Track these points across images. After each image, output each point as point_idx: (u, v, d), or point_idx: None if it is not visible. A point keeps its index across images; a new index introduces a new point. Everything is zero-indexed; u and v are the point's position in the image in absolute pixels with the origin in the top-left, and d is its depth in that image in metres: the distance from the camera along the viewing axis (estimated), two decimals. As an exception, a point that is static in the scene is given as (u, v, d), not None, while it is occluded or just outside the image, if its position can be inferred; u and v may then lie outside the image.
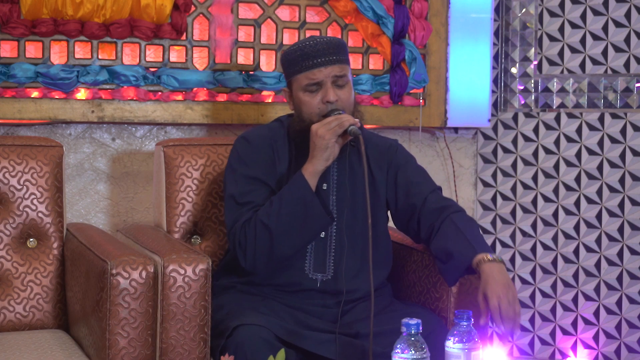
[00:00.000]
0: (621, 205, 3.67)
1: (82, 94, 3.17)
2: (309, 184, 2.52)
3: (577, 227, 3.72)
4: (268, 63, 3.40)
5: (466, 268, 2.51)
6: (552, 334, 3.75)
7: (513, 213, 3.79)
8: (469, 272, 2.53)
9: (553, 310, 3.74)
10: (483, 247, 2.53)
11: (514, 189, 3.79)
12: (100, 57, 3.19)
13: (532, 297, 3.76)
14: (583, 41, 3.69)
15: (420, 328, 2.11)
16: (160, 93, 3.25)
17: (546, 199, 3.75)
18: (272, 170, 2.65)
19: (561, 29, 3.71)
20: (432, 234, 2.62)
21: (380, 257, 2.69)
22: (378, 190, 2.71)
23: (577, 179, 3.72)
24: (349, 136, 2.53)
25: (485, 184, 3.82)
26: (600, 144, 3.69)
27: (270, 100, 3.36)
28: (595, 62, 3.68)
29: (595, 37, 3.67)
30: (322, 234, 2.63)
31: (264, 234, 2.52)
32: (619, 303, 3.67)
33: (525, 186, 3.78)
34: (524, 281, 3.77)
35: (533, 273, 3.77)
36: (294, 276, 2.62)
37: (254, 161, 2.64)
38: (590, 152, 3.70)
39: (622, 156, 3.67)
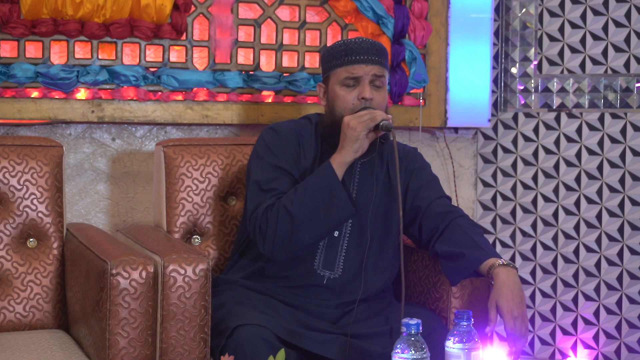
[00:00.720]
0: (621, 205, 3.67)
1: (82, 94, 3.17)
2: (336, 174, 2.52)
3: (577, 227, 3.72)
4: (268, 63, 3.40)
5: (474, 270, 2.51)
6: (552, 334, 3.75)
7: (513, 213, 3.79)
8: (475, 275, 2.53)
9: (553, 310, 3.74)
10: (493, 251, 2.54)
11: (514, 189, 3.79)
12: (100, 57, 3.19)
13: (532, 297, 3.76)
14: (583, 41, 3.69)
15: (420, 328, 2.11)
16: (160, 93, 3.25)
17: (546, 199, 3.75)
18: (297, 163, 2.66)
19: (561, 29, 3.71)
20: (434, 236, 2.62)
21: (391, 260, 2.70)
22: (395, 195, 2.71)
23: (577, 179, 3.72)
24: (379, 132, 2.54)
25: (485, 184, 3.83)
26: (600, 144, 3.69)
27: (270, 100, 3.36)
28: (595, 62, 3.68)
29: (595, 37, 3.67)
30: (336, 233, 2.63)
31: (286, 220, 2.51)
32: (619, 303, 3.67)
33: (525, 186, 3.78)
34: (524, 281, 3.77)
35: (533, 273, 3.77)
36: (302, 270, 2.62)
37: (280, 151, 2.65)
38: (590, 152, 3.70)
39: (622, 156, 3.67)
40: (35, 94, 3.12)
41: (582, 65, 3.69)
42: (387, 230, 2.70)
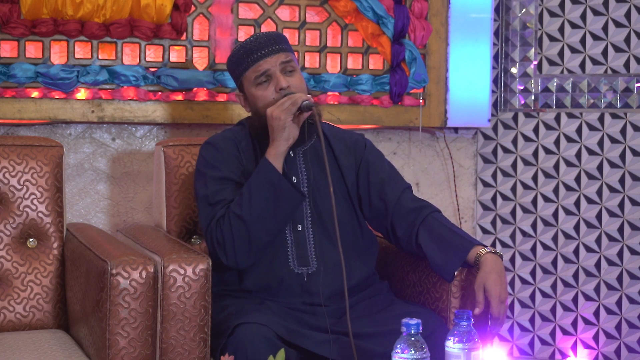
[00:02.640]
0: (621, 205, 3.67)
1: (82, 94, 3.17)
2: (274, 166, 2.53)
3: (577, 227, 3.72)
4: (268, 63, 3.40)
5: (464, 261, 2.53)
6: (552, 334, 3.75)
7: (513, 213, 3.79)
8: (465, 265, 2.55)
9: (553, 310, 3.74)
10: (475, 240, 2.58)
11: (514, 189, 3.79)
12: (100, 57, 3.20)
13: (532, 297, 3.76)
14: (583, 41, 3.69)
15: (420, 328, 2.11)
16: (160, 93, 3.25)
17: (546, 199, 3.75)
18: (240, 169, 2.66)
19: (561, 29, 3.71)
20: (412, 232, 2.63)
21: (361, 248, 2.70)
22: (347, 181, 2.71)
23: (577, 179, 3.72)
24: (305, 113, 2.55)
25: (485, 184, 3.83)
26: (600, 144, 3.69)
27: (270, 100, 3.36)
28: (595, 62, 3.68)
29: (595, 37, 3.67)
30: (300, 227, 2.63)
31: (239, 225, 2.52)
32: (619, 303, 3.67)
33: (525, 186, 3.78)
34: (524, 281, 3.77)
35: (533, 273, 3.77)
36: (280, 273, 2.61)
37: (221, 162, 2.66)
38: (590, 152, 3.70)
39: (622, 156, 3.67)
40: (35, 94, 3.12)
41: (582, 65, 3.69)
42: (351, 214, 2.69)
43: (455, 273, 2.57)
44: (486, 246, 2.53)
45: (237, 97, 2.73)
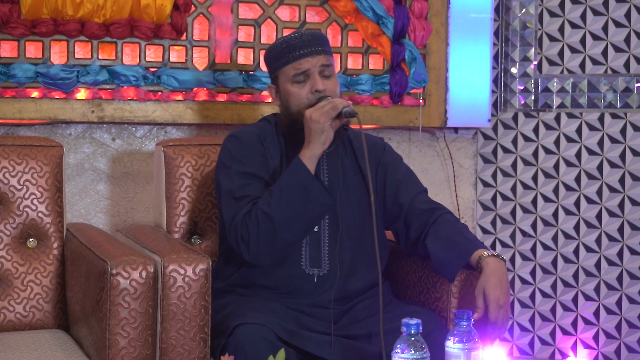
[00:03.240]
0: (621, 205, 3.67)
1: (82, 94, 3.17)
2: (308, 168, 2.52)
3: (577, 227, 3.72)
4: (268, 63, 3.40)
5: (466, 262, 2.53)
6: (552, 334, 3.75)
7: (513, 213, 3.79)
8: (467, 268, 2.55)
9: (553, 310, 3.74)
10: (481, 244, 2.57)
11: (514, 189, 3.79)
12: (100, 57, 3.20)
13: (532, 297, 3.76)
14: (583, 41, 3.69)
15: (420, 328, 2.11)
16: (160, 93, 3.25)
17: (546, 199, 3.75)
18: (265, 165, 2.65)
19: (561, 29, 3.71)
20: (422, 232, 2.63)
21: (370, 250, 2.70)
22: (367, 185, 2.72)
23: (577, 179, 3.72)
24: (342, 119, 2.55)
25: (485, 184, 3.82)
26: (600, 144, 3.69)
27: (270, 101, 3.36)
28: (595, 62, 3.68)
29: (595, 37, 3.67)
30: (316, 228, 2.63)
31: (266, 223, 2.50)
32: (619, 303, 3.67)
33: (525, 186, 3.78)
34: (524, 281, 3.77)
35: (533, 273, 3.77)
36: (291, 273, 2.61)
37: (246, 157, 2.64)
38: (590, 152, 3.70)
39: (622, 156, 3.67)
40: (35, 94, 3.12)
41: (582, 65, 3.69)
42: (366, 219, 2.69)
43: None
44: (490, 250, 2.52)
45: (270, 89, 2.71)
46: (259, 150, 2.67)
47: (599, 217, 3.69)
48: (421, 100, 3.56)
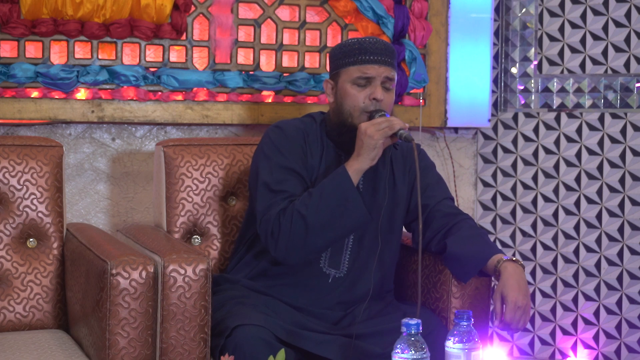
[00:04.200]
0: (621, 205, 3.67)
1: (82, 94, 3.17)
2: (352, 181, 2.51)
3: (577, 227, 3.72)
4: (268, 63, 3.40)
5: (484, 265, 2.52)
6: (552, 334, 3.75)
7: (513, 213, 3.79)
8: (482, 274, 2.55)
9: (553, 310, 3.74)
10: (500, 250, 2.56)
11: (514, 189, 3.79)
12: (100, 57, 3.19)
13: (532, 297, 3.76)
14: (583, 41, 3.69)
15: (420, 328, 2.11)
16: (160, 93, 3.25)
17: (546, 199, 3.75)
18: (305, 162, 2.64)
19: (561, 29, 3.71)
20: (437, 234, 2.64)
21: (393, 260, 2.72)
22: (399, 194, 2.72)
23: (577, 179, 3.72)
24: (395, 138, 2.53)
25: (485, 184, 3.82)
26: (600, 144, 3.69)
27: (270, 100, 3.36)
28: (595, 62, 3.68)
29: (595, 37, 3.67)
30: None
31: (300, 225, 2.49)
32: (619, 303, 3.67)
33: (525, 186, 3.78)
34: (524, 281, 3.77)
35: (533, 273, 3.77)
36: (309, 269, 2.62)
37: (288, 151, 2.63)
38: (590, 152, 3.70)
39: (622, 156, 3.67)
40: (35, 94, 3.12)
41: (582, 65, 3.69)
42: (390, 230, 2.70)
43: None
44: (507, 255, 2.51)
45: (326, 84, 2.69)
46: (300, 145, 2.66)
47: (599, 217, 3.69)
48: (421, 100, 3.56)
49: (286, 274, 2.63)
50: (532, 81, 3.74)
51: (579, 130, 3.71)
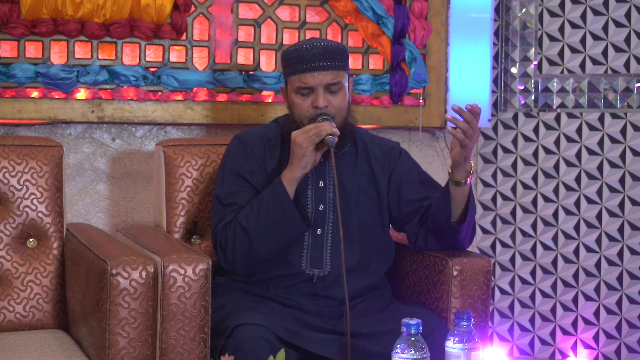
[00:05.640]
0: (621, 205, 3.67)
1: (82, 94, 3.17)
2: (287, 191, 2.53)
3: (577, 227, 3.72)
4: (268, 63, 3.40)
5: (449, 197, 2.63)
6: (552, 334, 3.75)
7: (513, 213, 3.79)
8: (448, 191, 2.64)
9: (553, 310, 3.74)
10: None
11: (514, 189, 3.79)
12: (100, 57, 3.19)
13: (532, 297, 3.76)
14: (583, 41, 3.69)
15: (420, 328, 2.11)
16: (160, 93, 3.25)
17: (546, 199, 3.75)
18: (262, 169, 2.67)
19: (561, 29, 3.71)
20: (422, 227, 2.68)
21: (375, 252, 2.70)
22: (379, 188, 2.72)
23: (577, 179, 3.72)
24: (325, 145, 2.53)
25: (485, 184, 3.82)
26: (600, 144, 3.69)
27: (270, 100, 3.36)
28: (595, 62, 3.68)
29: (595, 37, 3.67)
30: (319, 231, 2.63)
31: (242, 237, 2.55)
32: (619, 303, 3.67)
33: (525, 186, 3.78)
34: (524, 281, 3.77)
35: (533, 273, 3.77)
36: (291, 272, 2.63)
37: (244, 159, 2.67)
38: (590, 152, 3.70)
39: (622, 156, 3.67)
40: (35, 94, 3.12)
41: (582, 65, 3.69)
42: (372, 224, 2.70)
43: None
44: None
45: (282, 90, 2.73)
46: (259, 152, 2.69)
47: (599, 217, 3.69)
48: (421, 100, 3.56)
49: (272, 279, 2.64)
50: (532, 81, 3.74)
51: (579, 130, 3.71)
